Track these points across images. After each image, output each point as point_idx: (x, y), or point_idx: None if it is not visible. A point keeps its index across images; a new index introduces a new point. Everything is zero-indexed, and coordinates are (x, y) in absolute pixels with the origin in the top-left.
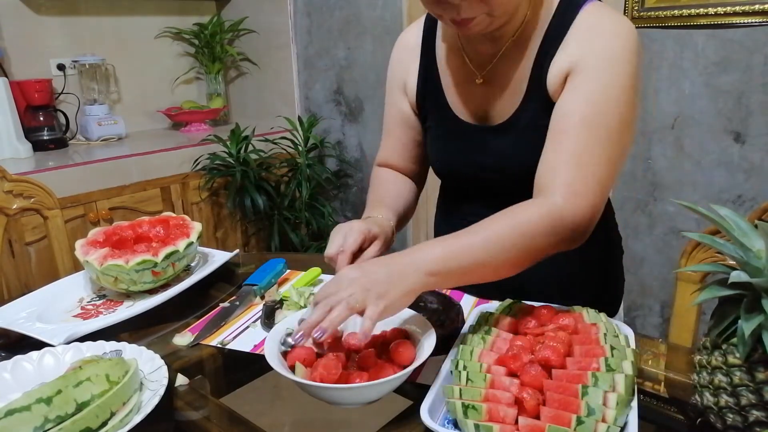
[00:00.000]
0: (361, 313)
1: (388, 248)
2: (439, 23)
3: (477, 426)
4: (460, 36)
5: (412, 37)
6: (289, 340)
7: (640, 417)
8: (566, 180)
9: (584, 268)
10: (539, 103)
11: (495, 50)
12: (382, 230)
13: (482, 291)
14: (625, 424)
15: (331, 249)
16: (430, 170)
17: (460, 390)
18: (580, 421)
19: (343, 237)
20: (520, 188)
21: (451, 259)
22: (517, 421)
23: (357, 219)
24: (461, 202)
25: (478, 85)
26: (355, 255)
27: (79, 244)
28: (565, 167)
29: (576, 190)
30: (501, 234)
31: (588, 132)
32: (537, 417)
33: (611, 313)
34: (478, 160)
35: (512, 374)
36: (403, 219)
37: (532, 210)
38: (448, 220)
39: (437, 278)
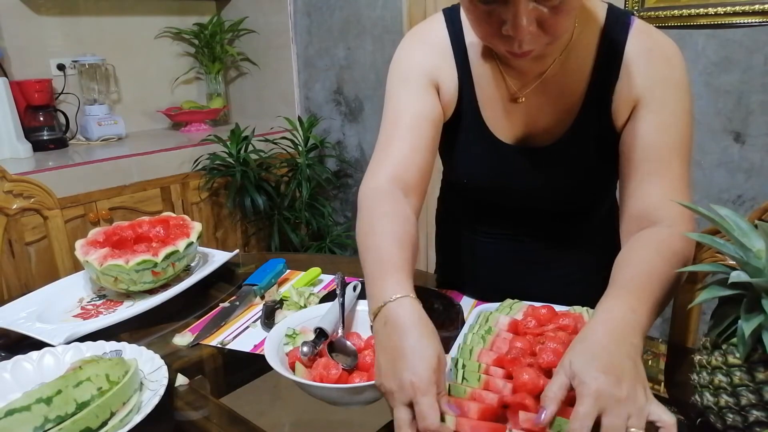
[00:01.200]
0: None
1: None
2: (467, 28)
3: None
4: (498, 54)
5: (437, 34)
6: None
7: None
8: (680, 209)
9: (585, 268)
10: (595, 128)
11: (540, 69)
12: (431, 332)
13: (482, 292)
14: None
15: (402, 415)
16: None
17: (449, 386)
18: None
19: (407, 407)
20: (554, 209)
21: (652, 312)
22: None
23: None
24: (481, 215)
25: (520, 105)
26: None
27: (79, 244)
28: (674, 196)
29: (691, 217)
30: (666, 273)
31: (680, 159)
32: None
33: None
34: (515, 181)
35: (510, 376)
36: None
37: (679, 244)
38: (461, 228)
39: (645, 335)
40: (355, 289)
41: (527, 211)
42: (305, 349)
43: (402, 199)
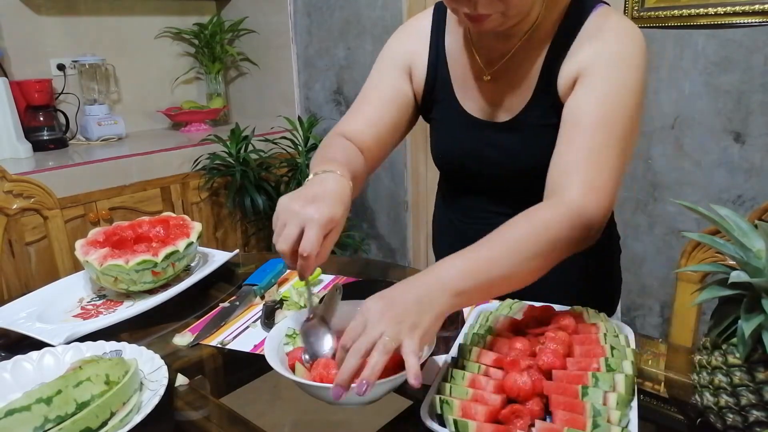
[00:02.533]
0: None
1: (347, 214)
2: (450, 16)
3: (455, 422)
4: (471, 32)
5: (419, 25)
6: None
7: (640, 417)
8: (584, 178)
9: (582, 267)
10: (547, 103)
11: (505, 48)
12: (342, 203)
13: None
14: (626, 424)
15: (284, 242)
16: (421, 170)
17: (450, 387)
18: (595, 425)
19: (298, 228)
20: (524, 184)
21: (477, 275)
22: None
23: (309, 191)
24: (463, 197)
25: (487, 82)
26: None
27: (79, 244)
28: (581, 165)
29: (594, 187)
30: (523, 242)
31: (601, 132)
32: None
33: (609, 313)
34: (484, 155)
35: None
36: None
37: (550, 212)
38: (450, 214)
39: (464, 297)
40: (337, 290)
41: (504, 190)
42: (307, 356)
43: (353, 146)
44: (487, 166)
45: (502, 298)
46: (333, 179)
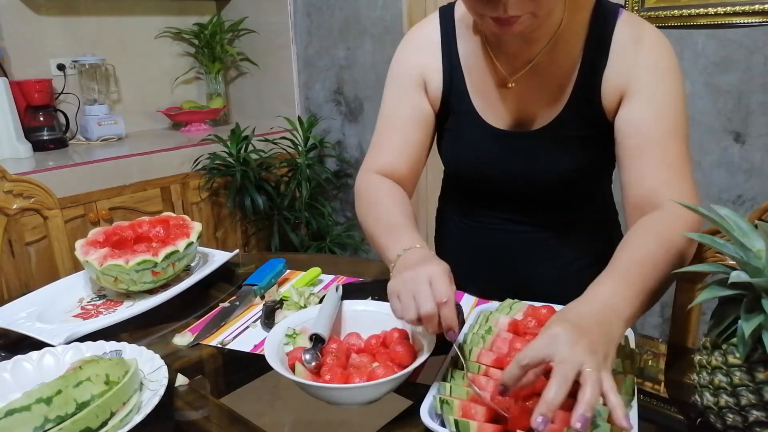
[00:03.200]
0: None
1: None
2: (460, 22)
3: (456, 422)
4: (489, 38)
5: (429, 32)
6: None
7: (640, 417)
8: (680, 191)
9: (585, 268)
10: (585, 114)
11: (530, 54)
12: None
13: (481, 285)
14: None
15: (427, 304)
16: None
17: (451, 387)
18: (595, 425)
19: (428, 286)
20: (544, 193)
21: (636, 300)
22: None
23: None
24: (477, 204)
25: (510, 90)
26: None
27: (79, 244)
28: (672, 180)
29: (691, 198)
30: (661, 260)
31: (673, 142)
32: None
33: None
34: (507, 166)
35: None
36: None
37: (675, 226)
38: (461, 221)
39: (630, 322)
40: (337, 290)
41: (522, 200)
42: (308, 357)
43: (396, 184)
44: (511, 176)
45: (502, 298)
46: (418, 252)
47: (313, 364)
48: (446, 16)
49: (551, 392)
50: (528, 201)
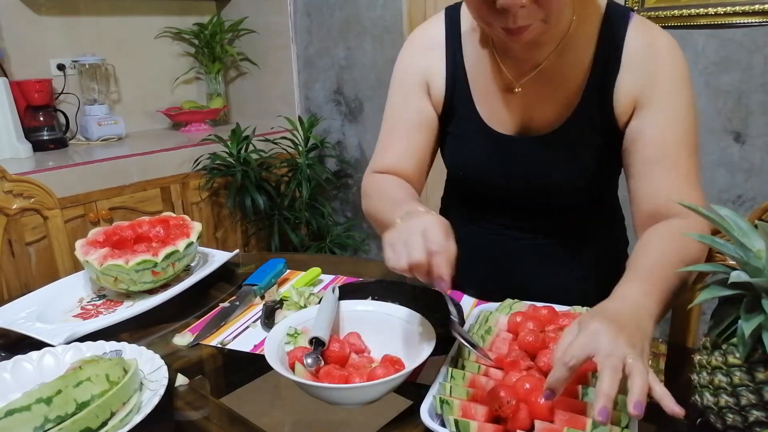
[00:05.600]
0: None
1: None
2: (465, 24)
3: (456, 422)
4: (495, 42)
5: (433, 34)
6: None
7: None
8: (693, 201)
9: (587, 266)
10: (595, 121)
11: (537, 59)
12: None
13: (483, 291)
14: (626, 424)
15: (416, 252)
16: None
17: (451, 387)
18: (595, 425)
19: (420, 236)
20: (550, 199)
21: (663, 301)
22: (498, 422)
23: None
24: (481, 209)
25: (516, 95)
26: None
27: (79, 244)
28: (684, 190)
29: (701, 202)
30: (680, 265)
31: (687, 153)
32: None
33: None
34: (511, 171)
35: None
36: None
37: (692, 241)
38: (464, 225)
39: (658, 320)
40: (333, 291)
41: (526, 207)
42: (309, 360)
43: (401, 179)
44: (515, 182)
45: (502, 298)
46: (424, 211)
47: (315, 368)
48: (452, 17)
49: (606, 385)
50: (532, 208)
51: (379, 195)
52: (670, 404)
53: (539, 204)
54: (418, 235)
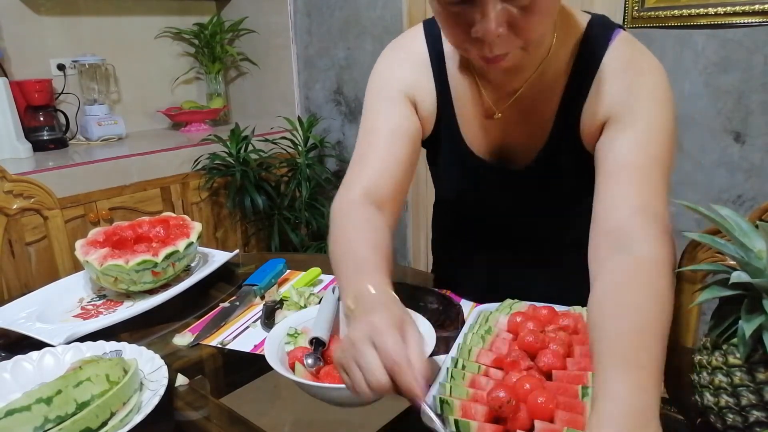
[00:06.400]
0: None
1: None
2: (446, 45)
3: (456, 422)
4: (475, 67)
5: (415, 49)
6: None
7: None
8: (656, 230)
9: (584, 269)
10: (567, 146)
11: (516, 84)
12: (398, 307)
13: (482, 294)
14: None
15: (375, 374)
16: (422, 171)
17: (451, 387)
18: None
19: (372, 349)
20: (532, 228)
21: (658, 382)
22: (498, 422)
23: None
24: (468, 227)
25: (496, 121)
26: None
27: (79, 244)
28: (648, 216)
29: (666, 236)
30: (660, 320)
31: (655, 175)
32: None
33: None
34: (494, 200)
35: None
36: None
37: (659, 274)
38: (455, 242)
39: (659, 410)
40: (333, 291)
41: (510, 235)
42: (310, 361)
43: (375, 212)
44: (499, 211)
45: (501, 298)
46: (371, 298)
47: (315, 368)
48: (432, 33)
49: None
50: (516, 235)
51: (343, 247)
52: None
53: (526, 233)
54: (368, 348)
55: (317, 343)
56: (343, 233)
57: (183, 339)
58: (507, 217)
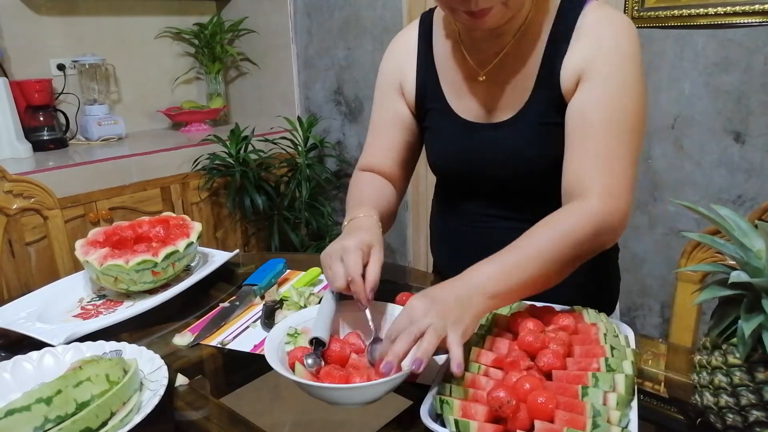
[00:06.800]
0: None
1: (381, 243)
2: (437, 23)
3: (456, 422)
4: (461, 34)
5: (406, 39)
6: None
7: (640, 417)
8: (602, 183)
9: (581, 267)
10: (548, 100)
11: (498, 47)
12: (372, 233)
13: None
14: (626, 424)
15: (338, 280)
16: (422, 171)
17: (451, 387)
18: (595, 425)
19: (340, 262)
20: (525, 185)
21: (509, 279)
22: (498, 422)
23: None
24: (463, 201)
25: (481, 83)
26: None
27: (79, 244)
28: (598, 171)
29: (613, 192)
30: (550, 247)
31: (613, 133)
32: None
33: (608, 313)
34: (483, 157)
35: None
36: (385, 220)
37: (574, 218)
38: (449, 220)
39: (498, 299)
40: (333, 291)
41: (504, 192)
42: (310, 361)
43: (381, 177)
44: (488, 168)
45: None
46: (358, 221)
47: (315, 368)
48: (425, 21)
49: (397, 346)
50: (511, 194)
51: (351, 192)
52: (452, 365)
53: (518, 188)
54: (337, 261)
55: (317, 343)
56: (354, 186)
57: (183, 339)
58: (498, 176)
